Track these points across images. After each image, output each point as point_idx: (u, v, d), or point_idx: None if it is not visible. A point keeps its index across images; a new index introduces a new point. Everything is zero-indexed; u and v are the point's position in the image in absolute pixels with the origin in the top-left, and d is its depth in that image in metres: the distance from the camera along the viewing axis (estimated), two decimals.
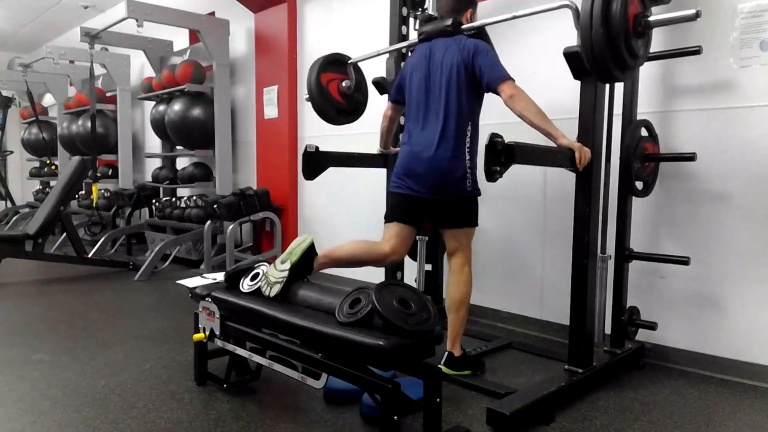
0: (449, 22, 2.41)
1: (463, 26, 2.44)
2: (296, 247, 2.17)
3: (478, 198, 2.42)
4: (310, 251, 2.19)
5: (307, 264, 2.18)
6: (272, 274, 2.11)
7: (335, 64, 2.97)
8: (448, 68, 2.33)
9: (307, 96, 2.96)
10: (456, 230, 2.43)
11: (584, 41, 1.90)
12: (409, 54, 2.99)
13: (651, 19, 1.95)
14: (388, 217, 2.48)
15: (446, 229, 2.45)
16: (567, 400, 2.20)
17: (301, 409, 2.17)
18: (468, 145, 2.33)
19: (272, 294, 2.06)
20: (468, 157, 2.32)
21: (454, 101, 2.31)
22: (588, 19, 1.86)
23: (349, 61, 2.95)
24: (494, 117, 2.55)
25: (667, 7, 2.36)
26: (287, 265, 2.10)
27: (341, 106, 2.99)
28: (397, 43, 3.13)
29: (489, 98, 2.71)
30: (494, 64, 2.28)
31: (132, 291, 4.27)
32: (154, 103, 5.77)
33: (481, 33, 2.54)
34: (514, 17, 2.31)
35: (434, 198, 2.36)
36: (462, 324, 2.45)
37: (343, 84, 2.98)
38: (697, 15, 1.84)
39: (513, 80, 2.23)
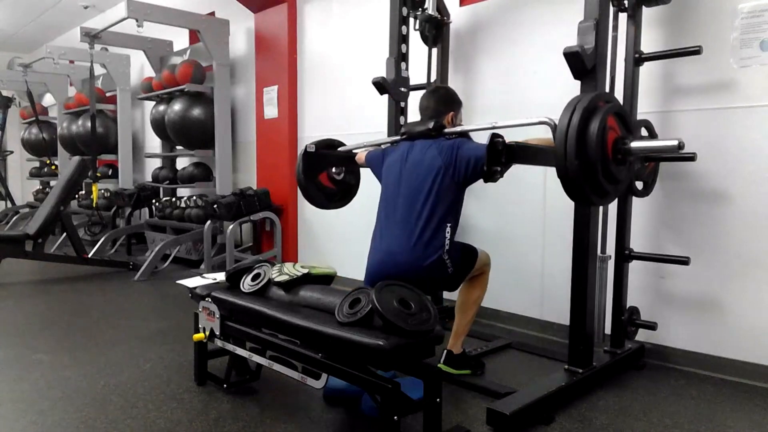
0: (431, 125, 2.33)
1: (446, 130, 2.35)
2: (321, 267, 2.20)
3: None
4: (328, 279, 2.21)
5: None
6: (288, 268, 2.16)
7: (326, 149, 2.78)
8: (426, 171, 2.25)
9: (297, 181, 2.81)
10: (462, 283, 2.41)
11: (559, 169, 1.79)
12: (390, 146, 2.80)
13: (633, 146, 1.83)
14: None
15: None
16: (567, 400, 2.20)
17: (301, 409, 2.17)
18: (447, 246, 2.22)
19: (277, 280, 2.12)
20: (445, 253, 2.22)
21: (430, 205, 2.21)
22: (563, 144, 1.74)
23: (339, 149, 2.78)
24: (495, 117, 2.55)
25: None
26: (305, 270, 2.14)
27: (331, 191, 2.83)
28: (396, 45, 3.14)
29: (489, 98, 2.73)
30: (478, 147, 2.19)
31: (132, 291, 4.26)
32: (154, 103, 5.77)
33: (461, 136, 2.40)
34: (494, 127, 2.17)
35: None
36: (467, 325, 2.45)
37: (333, 170, 2.82)
38: (679, 146, 1.74)
39: None
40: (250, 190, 4.62)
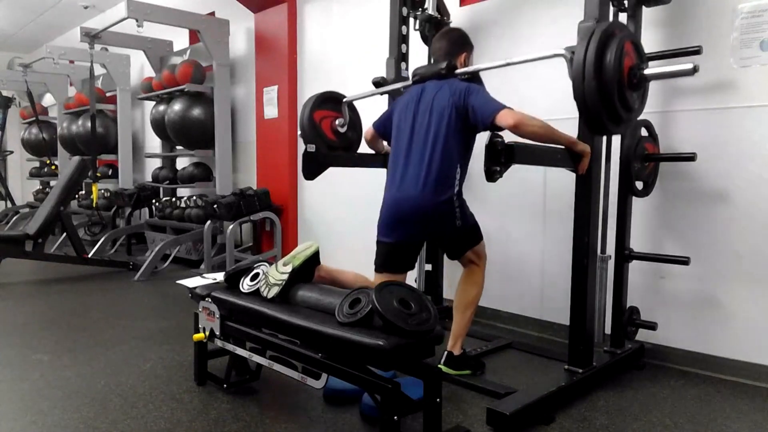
0: (443, 65, 2.37)
1: (457, 70, 2.39)
2: (300, 252, 2.15)
3: (474, 217, 2.41)
4: (314, 259, 2.17)
5: (308, 271, 2.16)
6: (272, 275, 2.11)
7: (329, 101, 2.87)
8: (438, 110, 2.28)
9: (300, 132, 2.91)
10: (462, 255, 2.43)
11: (576, 93, 1.83)
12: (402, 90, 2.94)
13: (647, 72, 1.90)
14: (378, 268, 2.41)
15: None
16: (567, 400, 2.20)
17: (301, 409, 2.17)
18: (456, 188, 2.26)
19: (270, 296, 2.06)
20: (455, 199, 2.27)
21: (441, 144, 2.25)
22: (581, 69, 1.79)
23: (344, 100, 2.86)
24: None
25: (666, 11, 2.36)
26: (288, 268, 2.09)
27: (333, 144, 2.90)
28: (396, 45, 3.13)
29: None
30: (487, 101, 2.21)
31: (132, 291, 4.27)
32: (154, 103, 5.77)
33: (474, 77, 2.48)
34: (508, 64, 2.24)
35: (425, 239, 2.33)
36: (466, 325, 2.45)
37: (337, 122, 2.89)
38: (694, 70, 1.79)
39: (509, 108, 2.17)
40: (250, 190, 4.62)
